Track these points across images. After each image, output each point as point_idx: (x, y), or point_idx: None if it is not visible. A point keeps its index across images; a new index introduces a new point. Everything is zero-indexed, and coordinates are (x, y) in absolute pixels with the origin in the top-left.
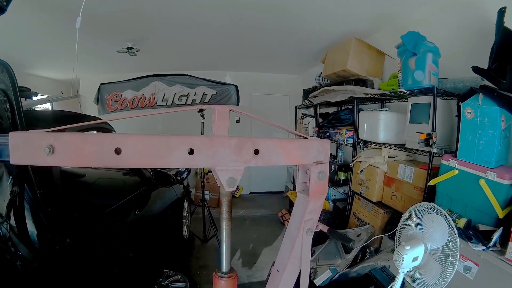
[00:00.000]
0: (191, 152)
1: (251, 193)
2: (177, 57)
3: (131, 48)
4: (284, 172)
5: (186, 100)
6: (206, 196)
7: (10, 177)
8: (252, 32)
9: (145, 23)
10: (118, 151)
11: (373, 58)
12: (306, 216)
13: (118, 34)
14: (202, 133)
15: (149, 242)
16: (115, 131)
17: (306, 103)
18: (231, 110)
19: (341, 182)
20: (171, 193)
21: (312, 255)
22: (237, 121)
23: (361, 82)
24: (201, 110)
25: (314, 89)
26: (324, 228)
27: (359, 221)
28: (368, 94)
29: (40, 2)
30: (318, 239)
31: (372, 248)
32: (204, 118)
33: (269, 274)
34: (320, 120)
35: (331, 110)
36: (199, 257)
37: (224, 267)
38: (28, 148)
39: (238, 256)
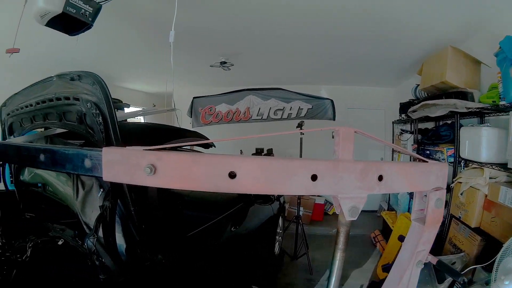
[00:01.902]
0: (314, 178)
1: None
2: (270, 71)
3: (225, 62)
4: None
5: (282, 115)
6: (300, 213)
7: (101, 190)
8: (345, 44)
9: (239, 38)
10: (232, 175)
11: (469, 68)
12: (419, 247)
13: (211, 49)
14: (301, 149)
15: (241, 258)
16: (215, 147)
17: (403, 117)
18: (355, 132)
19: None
20: (268, 210)
21: None
22: (333, 137)
23: (461, 95)
24: (299, 125)
25: (411, 102)
26: (434, 260)
27: (454, 248)
28: (470, 108)
29: (130, 17)
30: None
31: (465, 279)
32: (303, 134)
33: None
34: (419, 136)
35: (428, 125)
36: (287, 274)
37: None
38: (125, 166)
39: (326, 276)
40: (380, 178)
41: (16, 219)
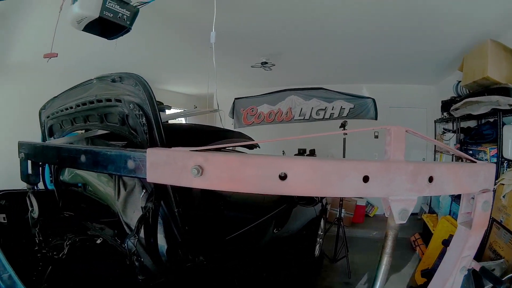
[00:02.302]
0: (366, 179)
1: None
2: (312, 70)
3: (266, 63)
4: None
5: (324, 115)
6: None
7: (144, 191)
8: (386, 41)
9: (281, 38)
10: (283, 177)
11: (510, 62)
12: (465, 252)
13: (252, 49)
14: (344, 149)
15: (282, 261)
16: (259, 147)
17: (445, 116)
18: (406, 131)
19: None
20: (311, 211)
21: None
22: (376, 137)
23: (503, 91)
24: (343, 125)
25: (453, 100)
26: (477, 266)
27: (494, 254)
28: None
29: (170, 20)
30: None
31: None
32: (346, 134)
33: None
34: (462, 136)
35: (471, 123)
36: (325, 277)
37: None
38: (171, 167)
39: (365, 280)
40: (431, 179)
41: (55, 217)
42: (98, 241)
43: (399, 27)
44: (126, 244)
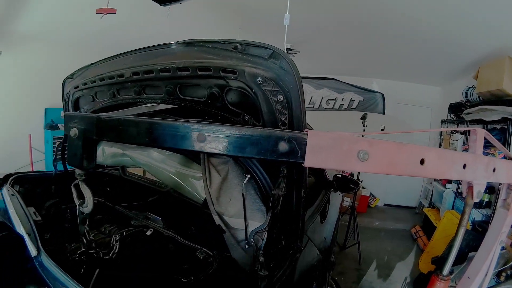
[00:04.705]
0: (464, 166)
1: (385, 204)
2: (326, 61)
3: (290, 49)
4: (417, 188)
5: (334, 105)
6: (347, 204)
7: (248, 176)
8: (404, 41)
9: (306, 26)
10: (422, 162)
11: None
12: (504, 228)
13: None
14: None
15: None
16: None
17: (452, 118)
18: (485, 134)
19: (484, 204)
20: (339, 198)
21: (450, 274)
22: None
23: None
24: (363, 117)
25: (462, 104)
26: (508, 241)
27: None
28: None
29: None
30: (457, 259)
31: (508, 272)
32: (366, 126)
33: None
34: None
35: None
36: (337, 263)
37: (447, 270)
38: (335, 151)
39: (374, 267)
40: (494, 170)
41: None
42: (148, 233)
43: (421, 29)
44: (252, 239)
